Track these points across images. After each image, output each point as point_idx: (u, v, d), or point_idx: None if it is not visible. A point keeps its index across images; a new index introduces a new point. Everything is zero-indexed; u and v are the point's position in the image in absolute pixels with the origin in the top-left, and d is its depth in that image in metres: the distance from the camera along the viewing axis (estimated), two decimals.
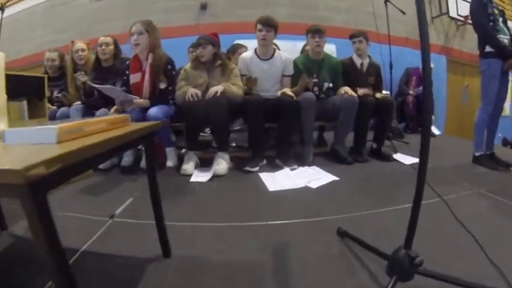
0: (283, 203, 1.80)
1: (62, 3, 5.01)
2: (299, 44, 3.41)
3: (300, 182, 2.11)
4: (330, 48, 3.46)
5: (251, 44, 3.14)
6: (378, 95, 2.85)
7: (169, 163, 2.46)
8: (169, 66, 2.44)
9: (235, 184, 2.12)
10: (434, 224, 1.46)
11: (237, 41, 3.24)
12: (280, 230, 1.46)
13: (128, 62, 2.50)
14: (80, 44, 2.93)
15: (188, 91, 2.28)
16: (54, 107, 3.05)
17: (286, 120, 2.41)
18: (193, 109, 2.25)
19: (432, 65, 4.65)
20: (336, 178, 2.20)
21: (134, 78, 2.42)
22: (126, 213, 1.66)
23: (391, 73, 3.70)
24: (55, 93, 3.20)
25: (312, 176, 2.23)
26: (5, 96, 1.01)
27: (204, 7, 4.33)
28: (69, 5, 4.86)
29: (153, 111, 2.29)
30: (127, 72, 2.47)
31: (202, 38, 2.45)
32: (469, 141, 2.94)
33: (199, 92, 2.27)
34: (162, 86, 2.41)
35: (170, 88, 2.46)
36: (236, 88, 2.39)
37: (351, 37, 2.99)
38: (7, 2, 3.91)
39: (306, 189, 2.01)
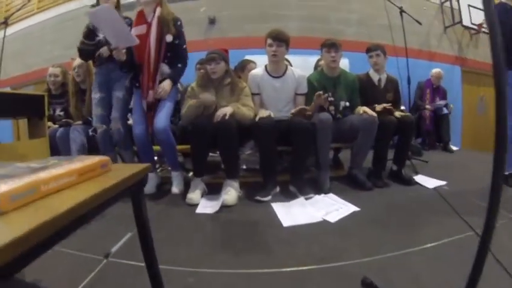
0: (299, 242, 1.55)
1: (70, 19, 4.93)
2: (310, 59, 3.21)
3: (317, 215, 1.86)
4: (343, 63, 3.24)
5: (261, 60, 2.93)
6: (397, 113, 2.59)
7: (175, 189, 2.23)
8: (178, 22, 2.25)
9: (245, 217, 1.88)
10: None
11: (247, 57, 3.03)
12: (297, 279, 1.23)
13: (129, 23, 2.28)
14: (78, 60, 2.77)
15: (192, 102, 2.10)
16: (56, 126, 2.88)
17: (301, 143, 2.16)
18: (199, 132, 2.03)
19: (442, 71, 4.42)
20: (356, 209, 1.95)
21: (138, 30, 2.19)
22: (123, 252, 1.44)
23: (409, 88, 3.44)
24: (57, 111, 3.05)
25: (330, 207, 1.97)
26: None
27: (212, 22, 4.16)
28: (78, 20, 4.76)
29: (161, 122, 2.11)
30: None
31: (215, 52, 2.23)
32: (489, 156, 2.67)
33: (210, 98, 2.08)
34: (169, 38, 2.18)
35: (184, 46, 2.28)
36: (247, 109, 2.17)
37: (368, 51, 2.76)
38: (12, 15, 3.81)
39: (323, 224, 1.76)
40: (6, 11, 5.66)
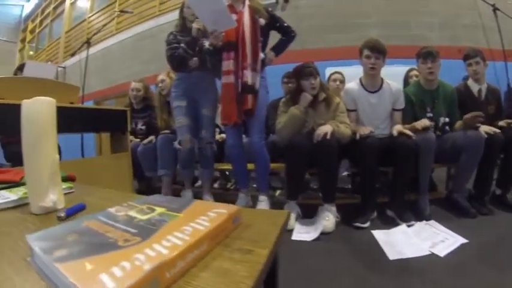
0: (412, 280, 1.34)
1: (148, 37, 5.19)
2: (392, 69, 2.94)
3: (423, 247, 1.63)
4: None
5: (345, 72, 2.78)
6: (500, 122, 2.23)
7: None
8: (269, 8, 2.21)
9: (346, 246, 1.70)
10: None
11: (329, 69, 2.87)
12: None
13: None
14: (160, 76, 2.84)
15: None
16: (138, 140, 2.94)
17: (404, 165, 1.93)
18: (297, 152, 1.89)
19: None
20: (464, 240, 1.67)
21: None
22: None
23: (509, 97, 3.01)
24: (139, 125, 3.09)
25: (435, 237, 1.73)
26: (57, 157, 0.74)
27: None
28: (156, 38, 4.99)
29: (255, 133, 2.08)
30: None
31: (310, 66, 2.07)
32: None
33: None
34: (262, 22, 2.10)
35: (286, 24, 2.21)
36: (344, 127, 2.00)
37: (466, 58, 2.40)
38: (93, 35, 4.10)
39: (432, 259, 1.52)
40: (88, 34, 6.18)
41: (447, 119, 2.26)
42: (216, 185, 3.03)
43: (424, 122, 2.01)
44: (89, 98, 5.60)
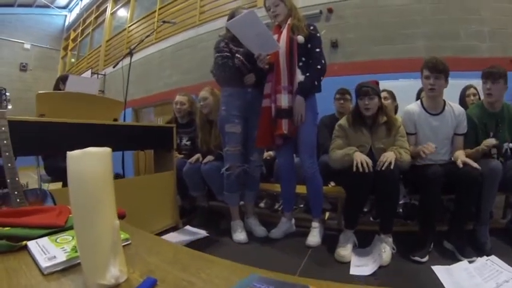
0: None
1: (188, 46, 5.22)
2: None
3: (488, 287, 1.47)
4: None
5: (391, 86, 2.65)
6: None
7: (312, 242, 1.99)
8: (311, 27, 2.04)
9: (406, 284, 1.54)
10: None
11: None
12: None
13: None
14: (203, 93, 2.66)
15: (356, 157, 1.77)
16: (181, 156, 2.81)
17: (467, 195, 1.76)
18: (360, 182, 1.76)
19: None
20: None
21: None
22: None
23: None
24: (184, 141, 2.91)
25: (498, 277, 1.53)
26: (117, 223, 0.58)
27: (334, 45, 3.84)
28: (195, 48, 5.01)
29: (307, 156, 2.00)
30: None
31: (367, 85, 1.94)
32: None
33: (370, 162, 1.75)
34: (300, 40, 1.96)
35: (318, 50, 2.01)
36: (404, 152, 1.85)
37: None
38: (137, 45, 4.14)
39: None
40: (128, 42, 6.32)
41: (511, 144, 2.05)
42: (261, 205, 2.94)
43: (490, 142, 1.84)
44: (128, 106, 5.70)
